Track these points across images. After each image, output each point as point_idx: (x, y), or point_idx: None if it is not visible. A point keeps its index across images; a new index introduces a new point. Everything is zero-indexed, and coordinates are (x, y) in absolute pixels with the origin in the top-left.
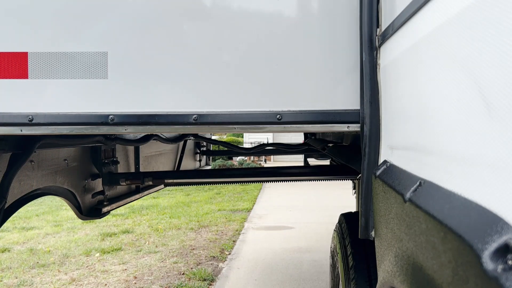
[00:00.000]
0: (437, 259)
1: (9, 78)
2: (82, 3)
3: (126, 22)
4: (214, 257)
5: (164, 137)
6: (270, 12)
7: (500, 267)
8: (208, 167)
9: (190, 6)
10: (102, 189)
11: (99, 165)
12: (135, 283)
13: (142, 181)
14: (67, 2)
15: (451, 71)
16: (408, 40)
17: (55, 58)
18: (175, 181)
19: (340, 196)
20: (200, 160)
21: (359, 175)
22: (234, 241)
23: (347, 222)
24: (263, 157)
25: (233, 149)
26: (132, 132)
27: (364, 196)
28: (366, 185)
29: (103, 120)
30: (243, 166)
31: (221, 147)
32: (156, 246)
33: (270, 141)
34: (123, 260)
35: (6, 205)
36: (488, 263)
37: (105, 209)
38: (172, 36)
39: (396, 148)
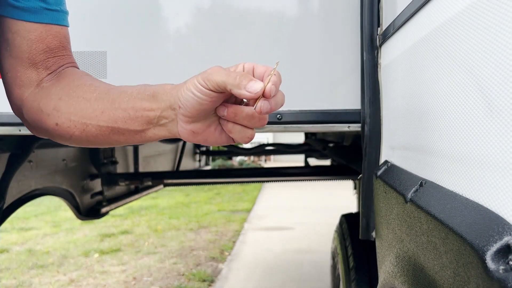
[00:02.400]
0: (438, 259)
1: None
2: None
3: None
4: (213, 258)
5: None
6: (268, 11)
7: (501, 268)
8: (208, 168)
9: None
10: (101, 189)
11: (98, 165)
12: (134, 284)
13: (141, 182)
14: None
15: (453, 71)
16: (409, 40)
17: None
18: (174, 181)
19: (341, 197)
20: (199, 160)
21: (360, 176)
22: (234, 242)
23: (348, 222)
24: (263, 157)
25: (232, 149)
26: None
27: (365, 196)
28: (367, 185)
29: None
30: (243, 167)
31: (221, 147)
32: (155, 247)
33: (270, 141)
34: (122, 261)
35: (5, 206)
36: (490, 264)
37: (104, 210)
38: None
39: (397, 148)
